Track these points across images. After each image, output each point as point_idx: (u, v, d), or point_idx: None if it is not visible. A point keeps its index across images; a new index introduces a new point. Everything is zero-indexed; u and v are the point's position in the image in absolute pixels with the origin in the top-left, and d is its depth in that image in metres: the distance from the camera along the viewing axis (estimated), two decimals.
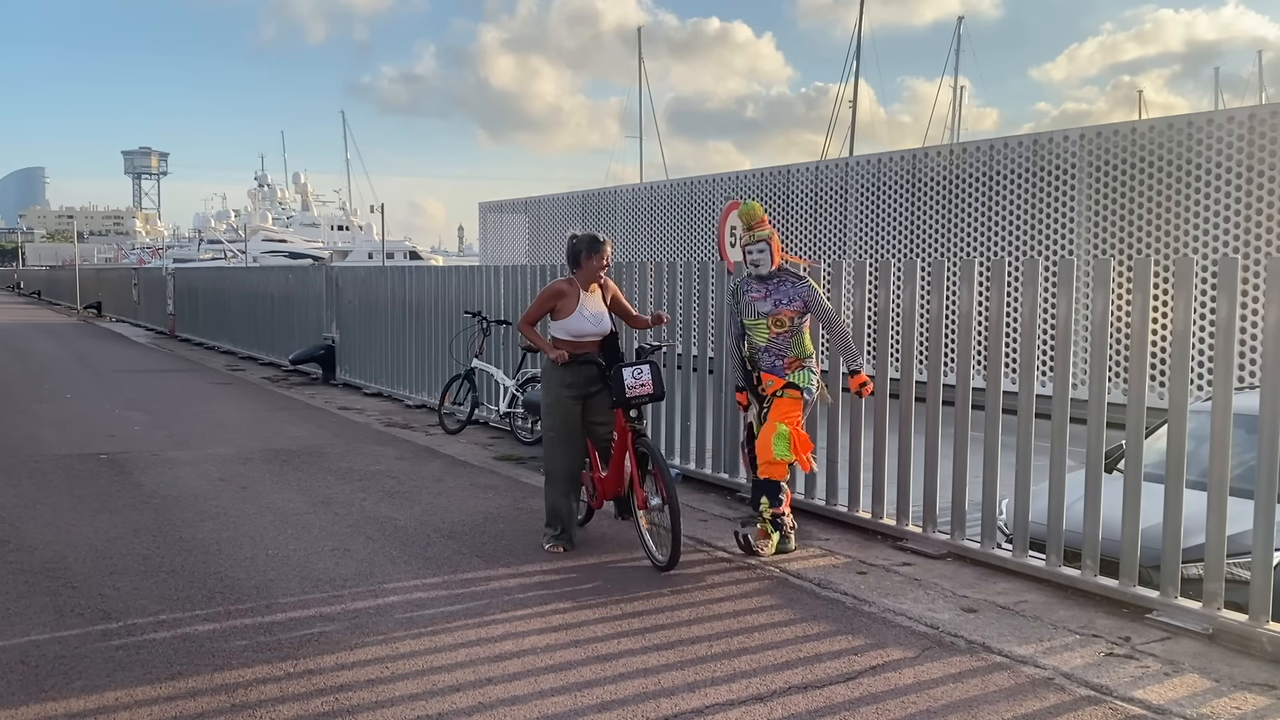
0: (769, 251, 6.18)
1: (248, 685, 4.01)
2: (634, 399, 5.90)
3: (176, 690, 3.95)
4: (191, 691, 3.94)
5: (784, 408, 6.06)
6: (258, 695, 3.92)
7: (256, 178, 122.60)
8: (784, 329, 6.15)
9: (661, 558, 5.77)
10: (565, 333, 6.22)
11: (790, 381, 6.11)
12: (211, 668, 4.19)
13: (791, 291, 6.17)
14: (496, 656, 4.41)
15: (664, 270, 8.76)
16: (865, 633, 4.87)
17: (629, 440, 5.92)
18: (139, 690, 3.94)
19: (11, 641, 4.47)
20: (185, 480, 7.95)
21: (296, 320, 17.06)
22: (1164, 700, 4.13)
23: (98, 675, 4.10)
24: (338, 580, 5.43)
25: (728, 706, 3.96)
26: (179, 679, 4.06)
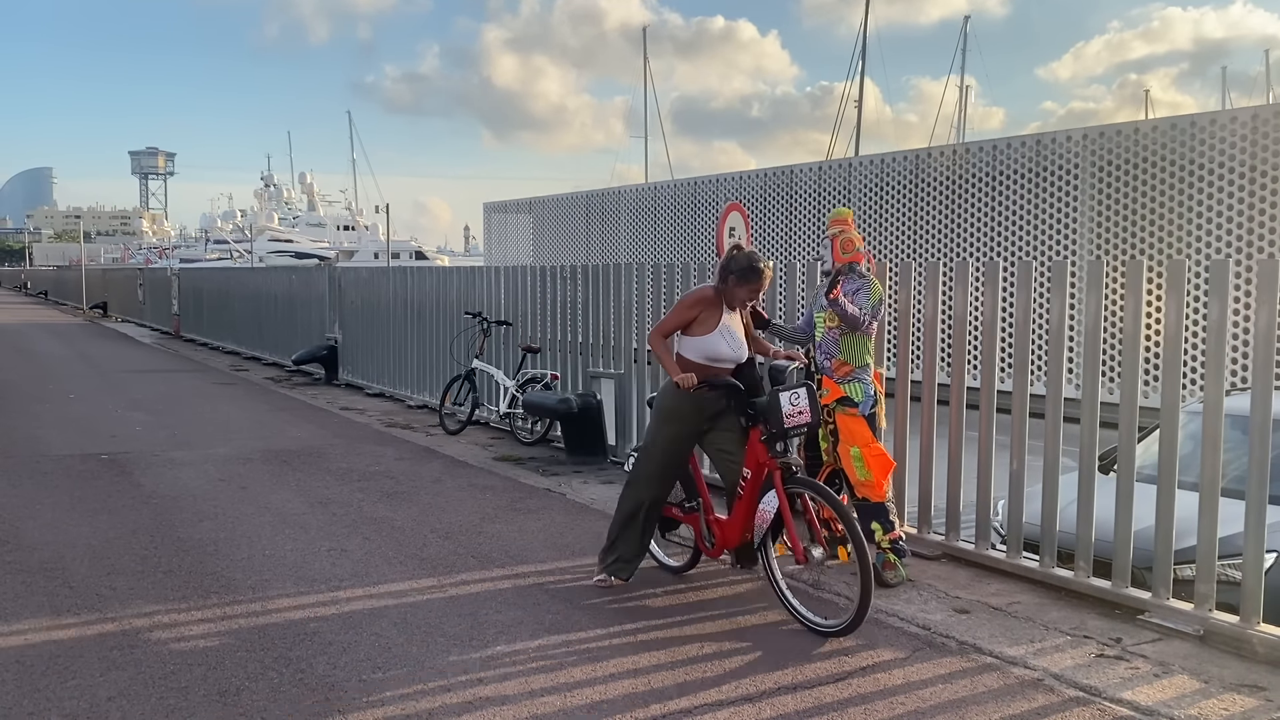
0: (831, 247, 6.04)
1: (240, 686, 4.04)
2: (792, 429, 5.04)
3: (169, 690, 3.98)
4: (184, 691, 3.97)
5: (846, 426, 5.84)
6: (250, 696, 3.95)
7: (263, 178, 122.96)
8: (836, 325, 5.94)
9: (823, 618, 4.84)
10: (698, 353, 5.32)
11: (844, 395, 5.87)
12: (205, 667, 4.22)
13: (855, 287, 5.95)
14: (488, 658, 4.43)
15: (662, 271, 8.79)
16: (858, 634, 4.87)
17: (777, 479, 4.98)
18: (133, 691, 3.97)
19: (8, 641, 4.50)
20: (185, 480, 7.99)
21: (299, 321, 17.11)
22: (1153, 701, 4.14)
23: (92, 675, 4.13)
24: (333, 580, 5.46)
25: (716, 707, 3.99)
26: (172, 679, 4.09)
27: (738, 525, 5.18)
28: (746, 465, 5.14)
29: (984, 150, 20.29)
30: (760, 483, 5.05)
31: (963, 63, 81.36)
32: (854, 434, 5.88)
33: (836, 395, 5.94)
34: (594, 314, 9.61)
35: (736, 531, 5.20)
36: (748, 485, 5.12)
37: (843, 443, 5.92)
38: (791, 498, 4.99)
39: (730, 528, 5.25)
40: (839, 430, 5.94)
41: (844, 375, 5.98)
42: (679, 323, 5.36)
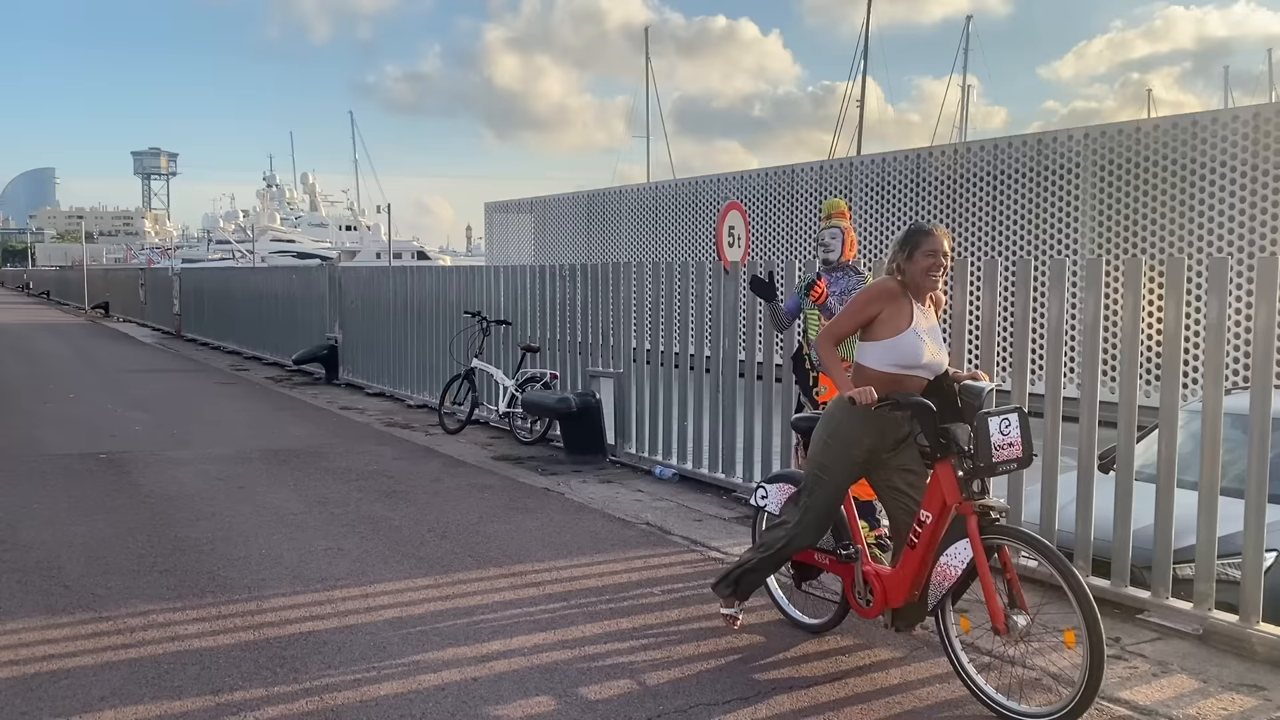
0: (841, 239, 6.07)
1: (234, 686, 4.03)
2: (1000, 465, 4.01)
3: (162, 690, 3.97)
4: (178, 691, 3.96)
5: None
6: (243, 695, 3.94)
7: (265, 178, 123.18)
8: None
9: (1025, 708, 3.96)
10: (887, 360, 4.26)
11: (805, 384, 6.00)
12: (199, 667, 4.20)
13: (847, 284, 6.03)
14: (483, 657, 4.41)
15: (661, 270, 8.77)
16: (854, 634, 4.86)
17: (972, 526, 3.96)
18: (126, 690, 3.96)
19: (2, 640, 4.49)
20: (183, 480, 7.97)
21: (300, 320, 17.11)
22: (1151, 701, 4.12)
23: (85, 675, 4.11)
24: (329, 580, 5.45)
25: (712, 706, 3.97)
26: (166, 679, 4.08)
27: (906, 580, 4.22)
28: (927, 507, 4.14)
29: (985, 150, 20.28)
30: (944, 529, 4.07)
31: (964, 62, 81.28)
32: None
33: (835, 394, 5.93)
34: (593, 313, 9.59)
35: (904, 588, 4.24)
36: (926, 531, 4.12)
37: None
38: (989, 550, 4.01)
39: (896, 583, 4.28)
40: None
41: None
42: (855, 324, 4.35)
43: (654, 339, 8.88)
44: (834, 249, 6.09)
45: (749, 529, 6.69)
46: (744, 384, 7.82)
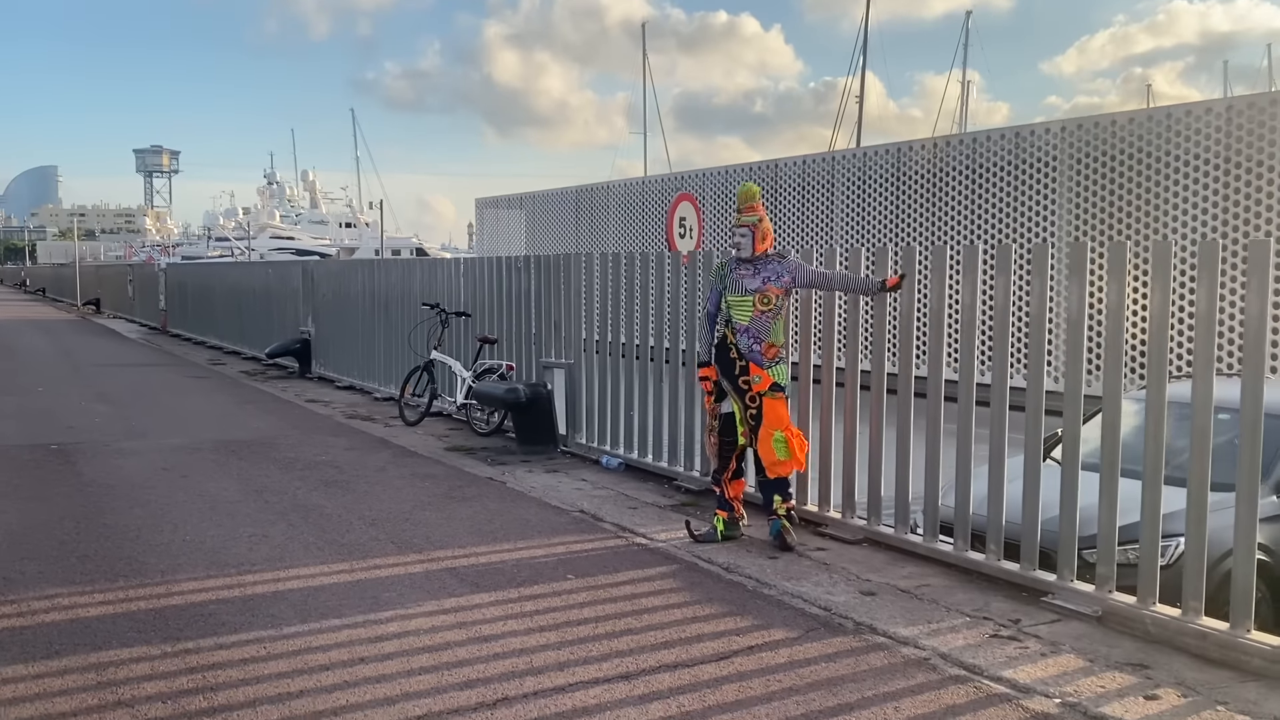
0: (751, 238, 6.16)
1: (119, 664, 4.08)
2: None
3: (48, 669, 4.02)
4: (62, 670, 4.01)
5: (776, 411, 6.09)
6: (126, 673, 3.99)
7: (266, 175, 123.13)
8: (769, 307, 6.13)
9: None
10: None
11: (775, 382, 6.11)
12: (90, 647, 4.25)
13: (779, 268, 6.17)
14: (376, 638, 4.46)
15: (609, 261, 8.81)
16: (755, 614, 4.91)
17: None
18: (9, 669, 4.01)
19: None
20: (128, 470, 8.03)
21: (276, 315, 17.16)
22: (1031, 679, 4.16)
23: None
24: (245, 565, 5.50)
25: (591, 684, 4.01)
26: (54, 658, 4.13)
27: None
28: None
29: (963, 143, 20.29)
30: None
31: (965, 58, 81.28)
32: (779, 418, 6.09)
33: (768, 383, 6.12)
34: (546, 304, 9.63)
35: None
36: None
37: (766, 426, 6.07)
38: None
39: None
40: (763, 415, 6.09)
41: (773, 358, 6.16)
42: None
43: (603, 330, 8.92)
44: (745, 248, 6.19)
45: (683, 516, 6.78)
46: (686, 373, 7.86)
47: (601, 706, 3.82)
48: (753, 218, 6.19)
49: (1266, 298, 4.43)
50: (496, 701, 3.83)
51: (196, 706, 3.73)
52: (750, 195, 6.23)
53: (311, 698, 3.82)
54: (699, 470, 7.67)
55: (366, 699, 3.82)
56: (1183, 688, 4.10)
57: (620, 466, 8.51)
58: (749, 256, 6.19)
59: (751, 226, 6.17)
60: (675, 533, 6.42)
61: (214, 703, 3.76)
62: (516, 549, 5.99)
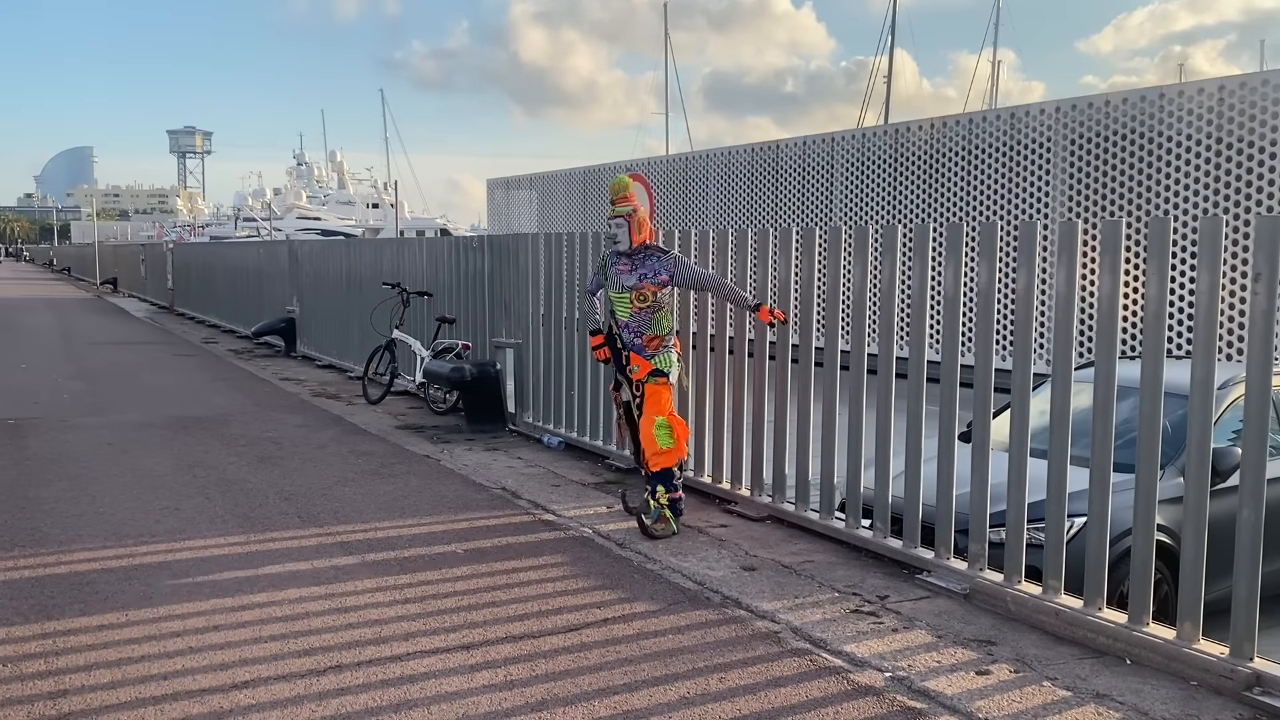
0: (627, 228, 6.11)
1: None
2: None
3: None
4: None
5: (656, 396, 6.05)
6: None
7: (295, 156, 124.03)
8: (646, 304, 6.08)
9: None
10: None
11: (656, 368, 6.07)
12: None
13: (657, 265, 6.12)
14: (240, 607, 4.58)
15: (552, 242, 8.86)
16: (626, 588, 4.99)
17: None
18: None
19: None
20: (72, 444, 8.21)
21: (265, 294, 17.38)
22: (870, 654, 4.21)
23: None
24: (144, 536, 5.64)
25: (429, 654, 4.11)
26: None
27: None
28: None
29: (960, 124, 20.19)
30: None
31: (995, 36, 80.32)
32: (661, 404, 6.05)
33: (647, 369, 6.09)
34: (498, 284, 9.71)
35: None
36: None
37: (647, 414, 6.03)
38: None
39: None
40: (645, 401, 6.07)
41: (655, 348, 6.13)
42: None
43: (548, 309, 8.98)
44: (622, 240, 6.15)
45: (604, 494, 6.86)
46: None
47: (428, 674, 3.91)
48: (626, 208, 6.13)
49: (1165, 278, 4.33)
50: (328, 669, 3.93)
51: (35, 669, 3.86)
52: (622, 185, 6.20)
53: (149, 663, 3.94)
54: (630, 450, 7.73)
55: (201, 664, 3.94)
56: (1019, 663, 4.13)
57: (560, 445, 8.59)
58: (628, 249, 6.13)
59: (626, 216, 6.11)
60: (587, 510, 6.51)
61: (53, 666, 3.89)
62: (419, 524, 6.09)
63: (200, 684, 3.76)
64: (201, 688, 3.73)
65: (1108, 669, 4.08)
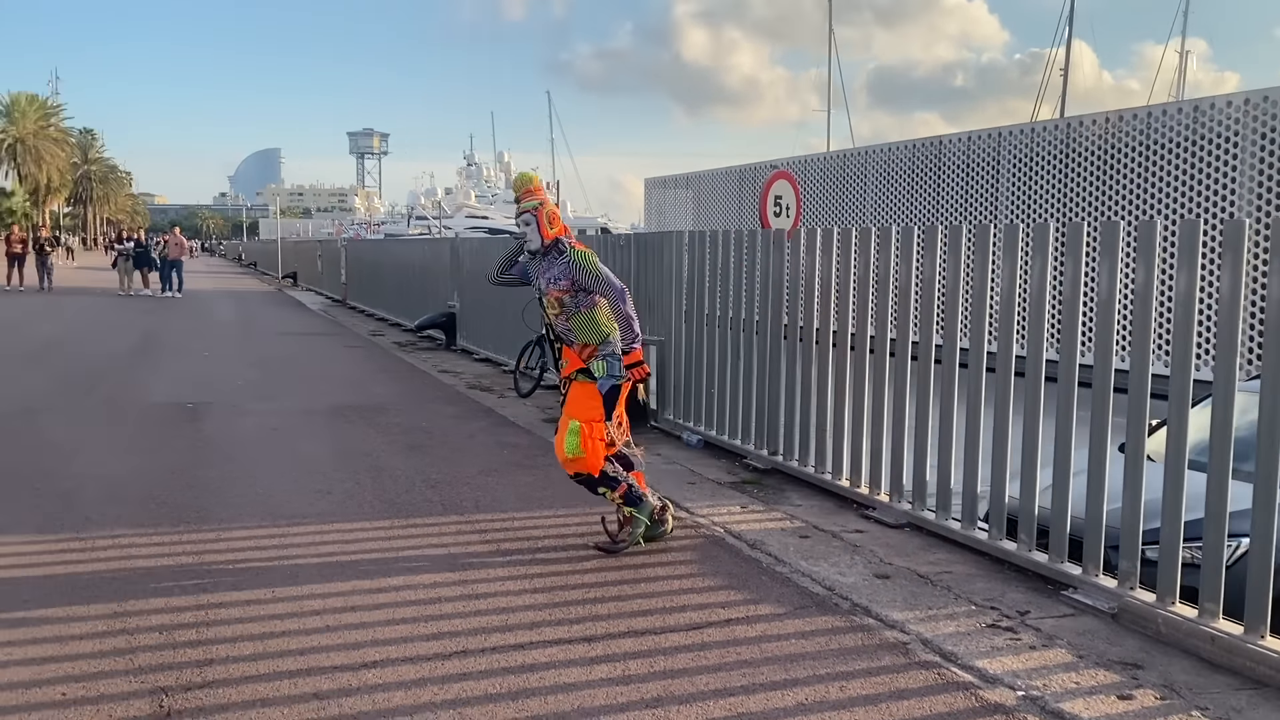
0: (535, 225, 5.49)
1: (139, 599, 4.54)
2: None
3: (75, 599, 4.52)
4: (88, 599, 4.50)
5: (578, 398, 5.46)
6: (140, 607, 4.44)
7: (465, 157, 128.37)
8: (559, 311, 5.49)
9: None
10: None
11: (584, 368, 5.47)
12: (122, 582, 4.74)
13: (557, 270, 5.45)
14: (377, 589, 4.76)
15: (696, 240, 8.85)
16: (753, 589, 4.93)
17: None
18: (46, 598, 4.53)
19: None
20: (241, 429, 8.73)
21: (429, 289, 18.05)
22: (1002, 670, 4.03)
23: (26, 583, 4.72)
24: (297, 518, 5.93)
25: (551, 644, 4.16)
26: (85, 590, 4.63)
27: None
28: None
29: (1137, 118, 19.08)
30: None
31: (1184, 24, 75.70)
32: (580, 407, 5.43)
33: (576, 366, 5.53)
34: (642, 281, 9.78)
35: None
36: None
37: (566, 413, 5.49)
38: None
39: None
40: (568, 398, 5.53)
41: (589, 356, 5.49)
42: None
43: (690, 307, 8.98)
44: (533, 239, 5.54)
45: (739, 494, 6.83)
46: (759, 351, 7.82)
47: (549, 664, 3.96)
48: (532, 202, 5.51)
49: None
50: (453, 653, 4.04)
51: (187, 639, 4.12)
52: (526, 180, 5.63)
53: (289, 639, 4.14)
54: (767, 449, 7.66)
55: (335, 643, 4.11)
56: (1166, 690, 3.88)
57: (700, 443, 8.58)
58: (538, 248, 5.53)
59: (533, 211, 5.48)
60: (720, 509, 6.47)
61: (203, 636, 4.15)
62: (555, 516, 6.19)
63: (333, 661, 3.93)
64: (334, 665, 3.90)
65: (1266, 701, 3.78)
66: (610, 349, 5.47)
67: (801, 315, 7.25)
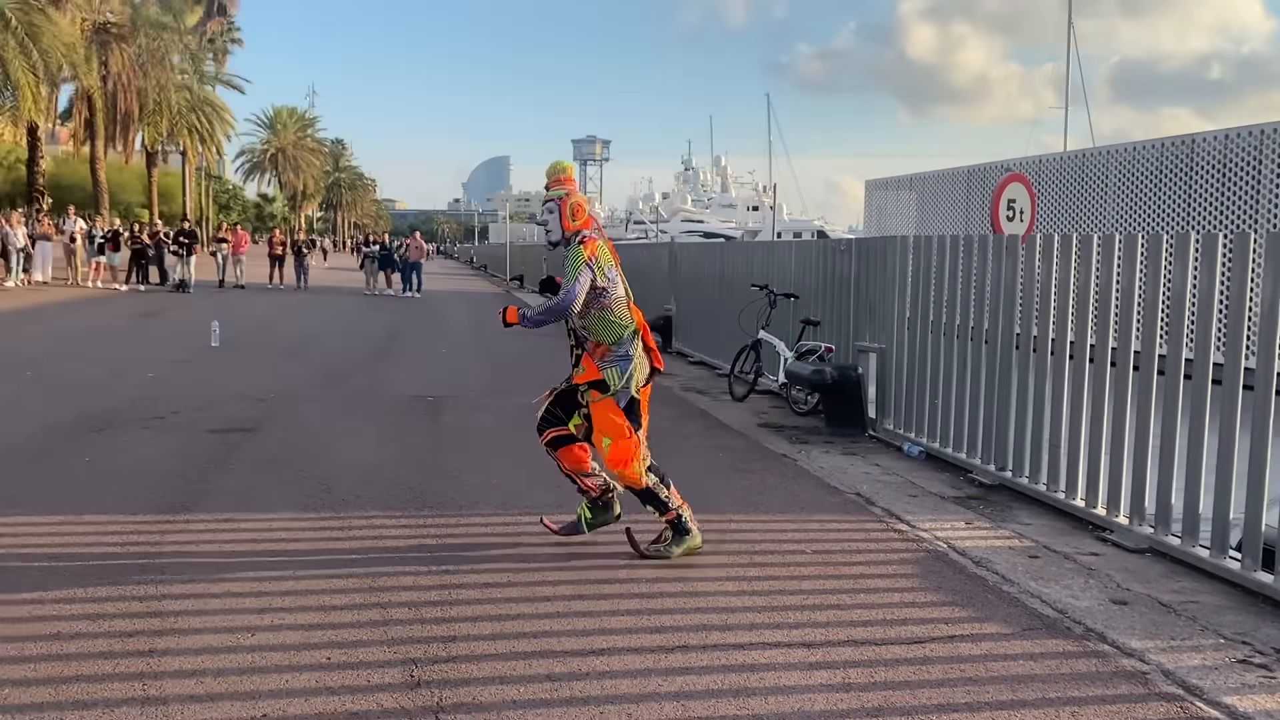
0: (557, 214, 5.44)
1: (387, 574, 4.93)
2: None
3: (333, 573, 4.96)
4: (344, 573, 4.93)
5: (602, 415, 5.38)
6: (391, 583, 4.82)
7: (683, 161, 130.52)
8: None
9: None
10: None
11: (599, 379, 5.39)
12: (374, 556, 5.16)
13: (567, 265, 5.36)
14: (602, 580, 4.97)
15: (924, 244, 8.67)
16: (978, 607, 4.81)
17: None
18: (310, 567, 5.00)
19: (263, 518, 5.78)
20: (476, 421, 9.26)
21: (647, 293, 18.39)
22: (1254, 709, 3.77)
23: (293, 556, 5.21)
24: (527, 508, 6.24)
25: (770, 646, 4.22)
26: (344, 566, 5.07)
27: None
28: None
29: None
30: None
31: None
32: (608, 425, 5.35)
33: (592, 375, 5.42)
34: (864, 287, 9.66)
35: None
36: None
37: (596, 432, 5.40)
38: None
39: None
40: (592, 417, 5.42)
41: (603, 356, 5.44)
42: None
43: (914, 314, 8.80)
44: (554, 230, 5.50)
45: (963, 509, 6.66)
46: (989, 361, 7.58)
47: (769, 666, 4.02)
48: (559, 191, 5.44)
49: None
50: (675, 648, 4.17)
51: (432, 615, 4.45)
52: (559, 169, 5.53)
53: (523, 621, 4.39)
54: (994, 464, 7.41)
55: (565, 628, 4.33)
56: None
57: (921, 455, 8.40)
58: (558, 239, 5.49)
59: (557, 200, 5.42)
60: (943, 523, 6.33)
61: (446, 614, 4.46)
62: (771, 520, 6.24)
63: (564, 645, 4.14)
64: (565, 649, 4.11)
65: None
66: (622, 350, 5.44)
67: (1036, 325, 6.98)
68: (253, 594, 4.64)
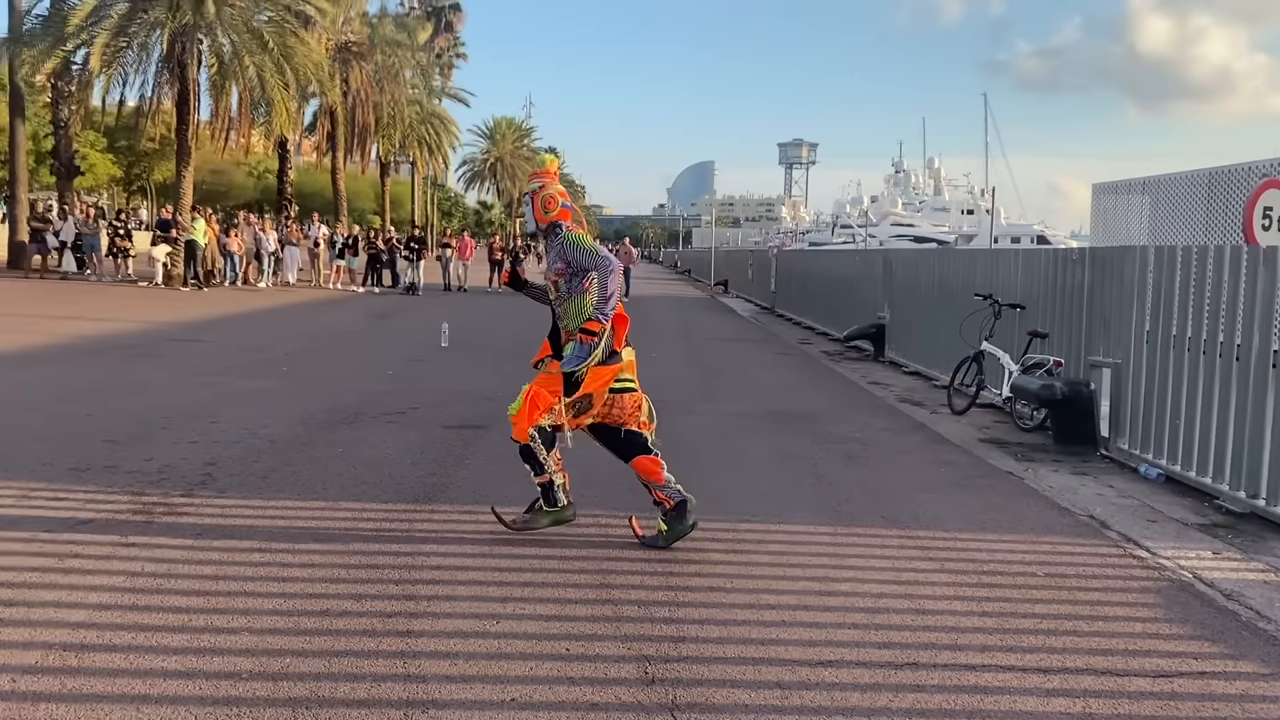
0: (530, 206, 5.68)
1: (620, 585, 5.13)
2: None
3: (563, 577, 5.21)
4: (574, 579, 5.17)
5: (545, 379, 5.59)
6: (620, 595, 5.01)
7: (894, 164, 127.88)
8: (556, 295, 5.63)
9: None
10: None
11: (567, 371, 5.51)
12: (561, 545, 5.37)
13: (554, 254, 5.61)
14: (824, 591, 4.98)
15: (1165, 255, 8.18)
16: (1230, 643, 4.54)
17: None
18: (538, 570, 5.28)
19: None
20: (687, 426, 9.42)
21: (857, 300, 18.20)
22: None
23: (534, 553, 5.50)
24: (744, 514, 6.33)
25: (1004, 669, 4.13)
26: (581, 572, 5.31)
27: None
28: None
29: None
30: None
31: None
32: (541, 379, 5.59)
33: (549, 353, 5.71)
34: (1097, 299, 9.21)
35: None
36: None
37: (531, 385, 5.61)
38: None
39: None
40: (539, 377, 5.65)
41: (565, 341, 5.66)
42: None
43: (1154, 327, 8.32)
44: (528, 220, 5.73)
45: (1209, 538, 6.28)
46: (1240, 378, 7.08)
47: (1003, 689, 3.94)
48: (534, 184, 5.70)
49: None
50: (904, 664, 4.14)
51: (661, 615, 4.60)
52: (540, 163, 5.81)
53: (750, 628, 4.48)
54: (1245, 491, 6.92)
55: (792, 637, 4.38)
56: None
57: (1159, 478, 7.93)
58: (534, 230, 5.74)
59: (532, 194, 5.67)
60: (1188, 552, 5.99)
61: (674, 615, 4.60)
62: (999, 540, 6.07)
63: (791, 655, 4.20)
64: (793, 658, 4.16)
65: None
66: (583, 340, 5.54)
67: None
68: (495, 583, 4.94)
